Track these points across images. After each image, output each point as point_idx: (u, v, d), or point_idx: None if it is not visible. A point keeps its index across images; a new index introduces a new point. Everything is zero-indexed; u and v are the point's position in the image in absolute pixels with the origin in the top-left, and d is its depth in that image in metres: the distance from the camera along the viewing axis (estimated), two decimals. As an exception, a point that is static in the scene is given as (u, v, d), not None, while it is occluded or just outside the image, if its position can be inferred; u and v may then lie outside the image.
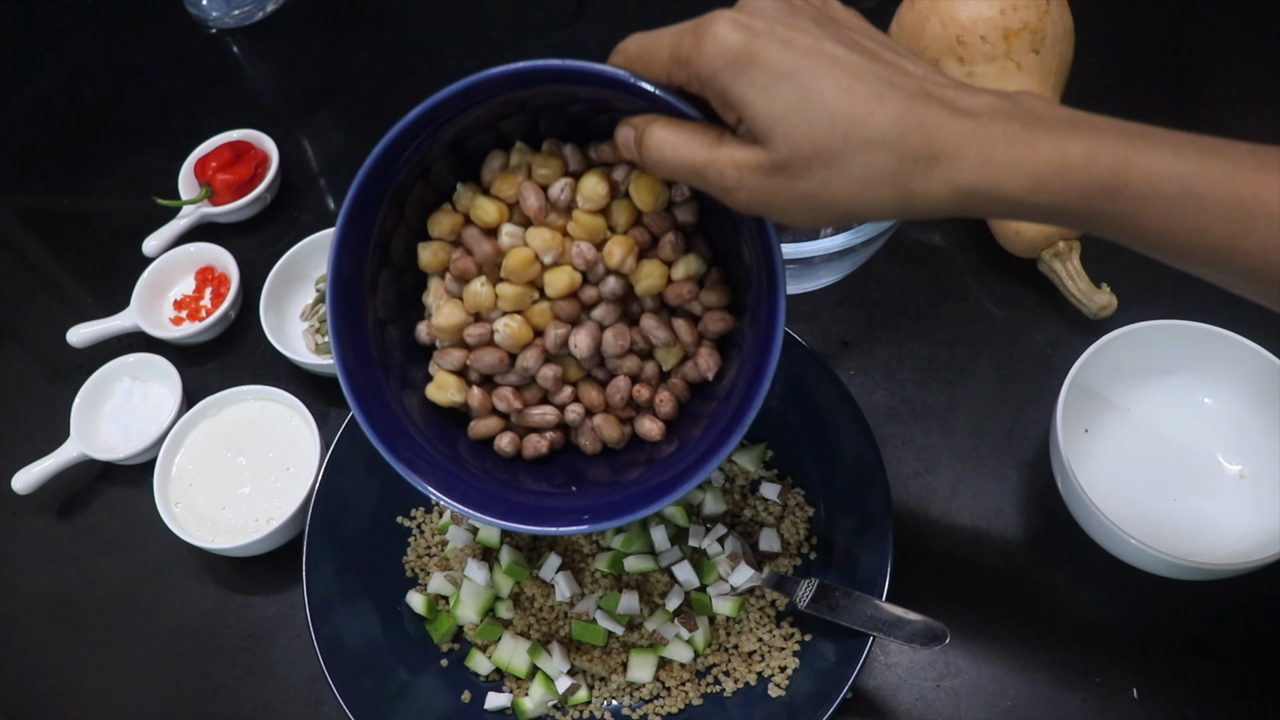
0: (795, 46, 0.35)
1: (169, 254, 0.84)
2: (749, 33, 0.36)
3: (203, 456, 0.72)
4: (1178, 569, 0.57)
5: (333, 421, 0.74)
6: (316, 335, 0.78)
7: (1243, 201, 0.33)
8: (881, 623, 0.56)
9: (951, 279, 0.77)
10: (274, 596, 0.68)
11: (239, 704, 0.65)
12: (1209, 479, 0.65)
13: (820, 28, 0.36)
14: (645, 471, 0.51)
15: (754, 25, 0.36)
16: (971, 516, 0.67)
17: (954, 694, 0.60)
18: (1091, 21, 0.78)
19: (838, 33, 0.37)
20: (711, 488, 0.66)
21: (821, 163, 0.36)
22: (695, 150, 0.39)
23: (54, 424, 0.76)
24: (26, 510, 0.75)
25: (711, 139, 0.39)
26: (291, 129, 0.95)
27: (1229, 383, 0.65)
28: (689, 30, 0.37)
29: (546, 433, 0.52)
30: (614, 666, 0.61)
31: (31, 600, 0.71)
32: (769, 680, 0.60)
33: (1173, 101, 0.86)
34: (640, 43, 0.40)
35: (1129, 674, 0.60)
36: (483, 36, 1.01)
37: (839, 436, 0.64)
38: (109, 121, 1.00)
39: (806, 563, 0.64)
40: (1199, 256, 0.35)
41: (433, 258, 0.50)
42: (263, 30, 1.05)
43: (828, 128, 0.35)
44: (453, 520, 0.66)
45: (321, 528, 0.64)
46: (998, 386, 0.72)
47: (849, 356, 0.74)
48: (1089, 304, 0.71)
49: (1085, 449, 0.66)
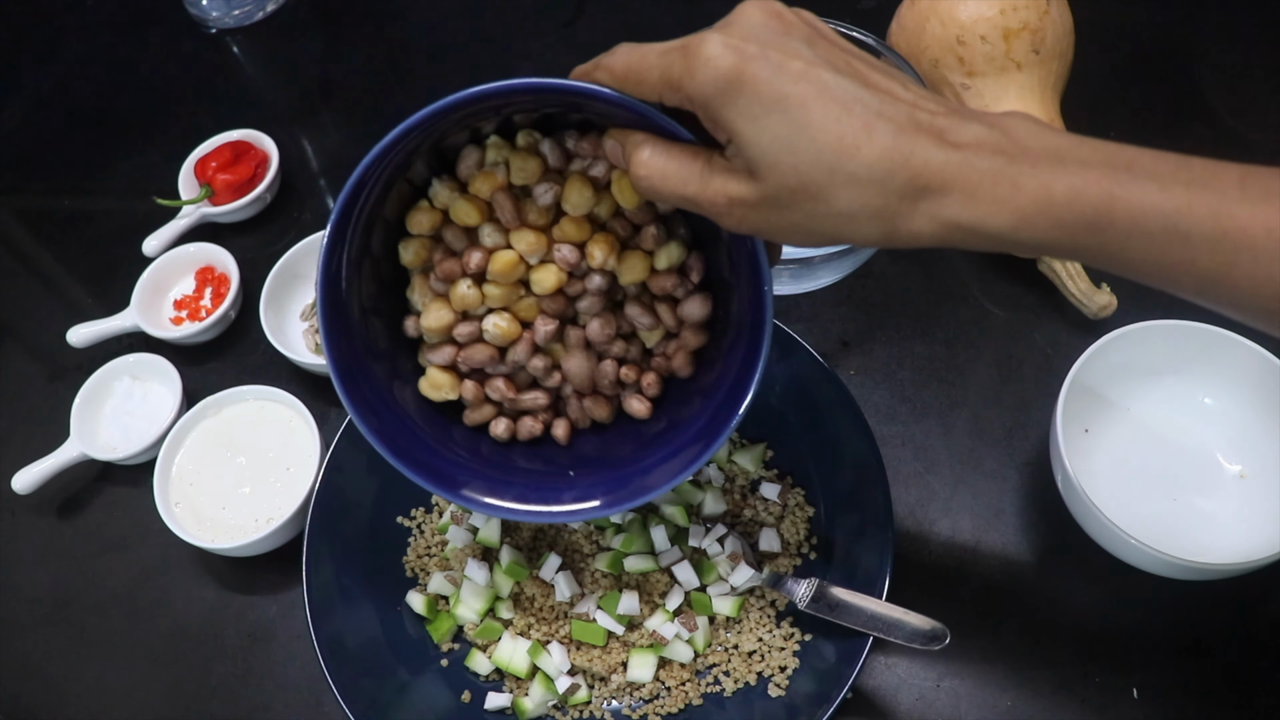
0: (787, 72, 0.35)
1: (169, 254, 0.84)
2: (740, 56, 0.35)
3: (203, 456, 0.72)
4: (1178, 569, 0.57)
5: (333, 421, 0.74)
6: (316, 335, 0.78)
7: (1228, 236, 0.33)
8: (881, 623, 0.56)
9: (951, 279, 0.77)
10: (274, 596, 0.68)
11: (239, 704, 0.65)
12: (1209, 479, 0.65)
13: (812, 49, 0.36)
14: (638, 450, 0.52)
15: (745, 48, 0.35)
16: (971, 516, 0.67)
17: (954, 694, 0.60)
18: (1091, 21, 0.78)
19: (830, 54, 0.36)
20: (711, 488, 0.66)
21: (808, 196, 0.36)
22: (686, 180, 0.39)
23: (54, 424, 0.76)
24: (26, 510, 0.75)
25: (701, 166, 0.39)
26: (291, 129, 0.95)
27: (1229, 383, 0.65)
28: (679, 51, 0.36)
29: (539, 414, 0.54)
30: (614, 666, 0.61)
31: (31, 600, 0.71)
32: (769, 680, 0.60)
33: (1173, 102, 0.86)
34: (628, 60, 0.39)
35: (1129, 674, 0.60)
36: (482, 36, 1.01)
37: (839, 436, 0.64)
38: (109, 121, 1.00)
39: (806, 563, 0.64)
40: (1187, 287, 0.35)
41: (414, 256, 0.50)
42: (263, 30, 1.04)
43: (814, 162, 0.35)
44: (452, 520, 0.66)
45: (321, 528, 0.64)
46: (998, 386, 0.72)
47: (849, 356, 0.74)
48: (1089, 304, 0.71)
49: (1085, 449, 0.66)
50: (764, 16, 0.36)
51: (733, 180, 0.38)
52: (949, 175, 0.34)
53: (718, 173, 0.38)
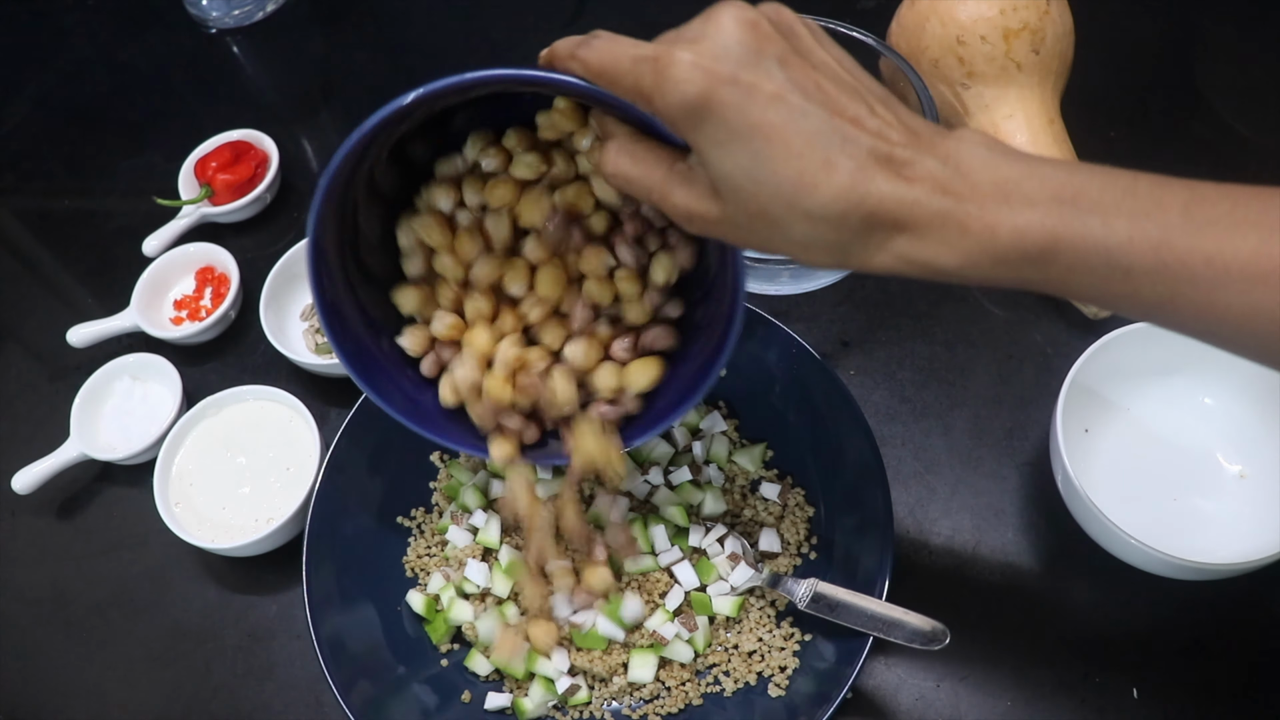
0: (755, 99, 0.35)
1: (169, 254, 0.84)
2: (710, 81, 0.35)
3: (203, 456, 0.72)
4: (1178, 569, 0.57)
5: (333, 421, 0.74)
6: (316, 335, 0.78)
7: (1168, 269, 0.34)
8: (881, 623, 0.56)
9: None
10: (274, 596, 0.68)
11: (239, 704, 0.65)
12: (1209, 479, 0.65)
13: (784, 70, 0.35)
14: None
15: (716, 71, 0.35)
16: (971, 516, 0.67)
17: (954, 694, 0.60)
18: (1091, 21, 0.78)
19: (801, 77, 0.35)
20: (711, 488, 0.66)
21: (765, 224, 0.37)
22: (649, 188, 0.40)
23: (54, 424, 0.76)
24: (26, 510, 0.75)
25: (664, 173, 0.39)
26: (291, 129, 0.95)
27: (1229, 383, 0.65)
28: (650, 63, 0.36)
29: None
30: (614, 668, 0.61)
31: (31, 600, 0.71)
32: (769, 680, 0.60)
33: (1173, 102, 0.86)
34: (602, 59, 0.38)
35: (1129, 674, 0.60)
36: (482, 36, 1.01)
37: (839, 436, 0.64)
38: (109, 121, 1.00)
39: (806, 563, 0.64)
40: (1133, 314, 0.37)
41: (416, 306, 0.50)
42: (263, 30, 1.04)
43: (773, 195, 0.35)
44: (452, 520, 0.66)
45: (321, 528, 0.64)
46: (998, 386, 0.72)
47: (849, 356, 0.74)
48: (1089, 304, 0.72)
49: (1085, 449, 0.66)
50: (739, 31, 0.35)
51: (693, 195, 0.38)
52: (902, 215, 0.35)
53: (679, 184, 0.39)
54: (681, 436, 0.68)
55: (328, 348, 0.76)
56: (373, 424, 0.67)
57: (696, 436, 0.68)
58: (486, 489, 0.67)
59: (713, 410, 0.69)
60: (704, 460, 0.67)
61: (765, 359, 0.67)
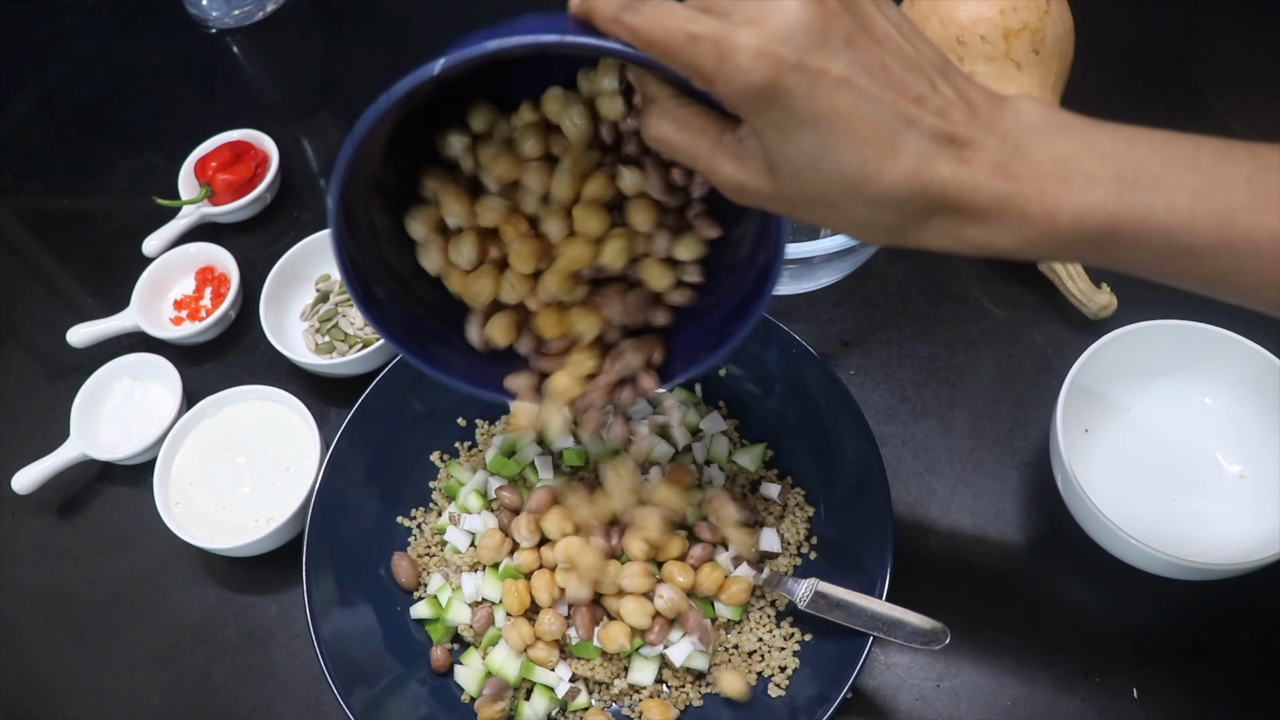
0: (823, 83, 0.33)
1: (169, 254, 0.84)
2: (777, 66, 0.33)
3: (203, 456, 0.72)
4: (1178, 569, 0.57)
5: (333, 421, 0.74)
6: (316, 335, 0.78)
7: (1231, 245, 0.34)
8: (881, 623, 0.56)
9: (951, 279, 0.77)
10: (274, 596, 0.68)
11: (239, 704, 0.65)
12: (1209, 479, 0.65)
13: (850, 50, 0.34)
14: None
15: (783, 56, 0.33)
16: (971, 516, 0.67)
17: (954, 694, 0.60)
18: (1091, 21, 0.78)
19: (867, 56, 0.34)
20: (711, 487, 0.66)
21: (823, 205, 0.36)
22: (698, 152, 0.38)
23: (54, 424, 0.76)
24: (26, 510, 0.75)
25: (710, 144, 0.38)
26: (291, 129, 0.95)
27: (1229, 383, 0.65)
28: (710, 44, 0.34)
29: None
30: (615, 672, 0.61)
31: (31, 600, 0.71)
32: (769, 680, 0.60)
33: (1173, 101, 0.86)
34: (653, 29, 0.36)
35: (1129, 674, 0.60)
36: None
37: (839, 436, 0.64)
38: (109, 121, 1.00)
39: (806, 563, 0.64)
40: (1192, 286, 0.36)
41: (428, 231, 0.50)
42: (263, 30, 1.05)
43: (835, 181, 0.35)
44: (450, 521, 0.66)
45: (321, 528, 0.64)
46: (998, 386, 0.72)
47: (849, 356, 0.74)
48: (1089, 304, 0.72)
49: (1085, 449, 0.66)
50: (804, 10, 0.33)
51: (746, 170, 0.37)
52: (963, 200, 0.35)
53: (728, 157, 0.38)
54: (681, 436, 0.68)
55: (328, 347, 0.76)
56: (373, 424, 0.67)
57: (696, 436, 0.68)
58: (485, 489, 0.67)
59: (713, 410, 0.69)
60: (704, 460, 0.67)
61: (765, 359, 0.67)
